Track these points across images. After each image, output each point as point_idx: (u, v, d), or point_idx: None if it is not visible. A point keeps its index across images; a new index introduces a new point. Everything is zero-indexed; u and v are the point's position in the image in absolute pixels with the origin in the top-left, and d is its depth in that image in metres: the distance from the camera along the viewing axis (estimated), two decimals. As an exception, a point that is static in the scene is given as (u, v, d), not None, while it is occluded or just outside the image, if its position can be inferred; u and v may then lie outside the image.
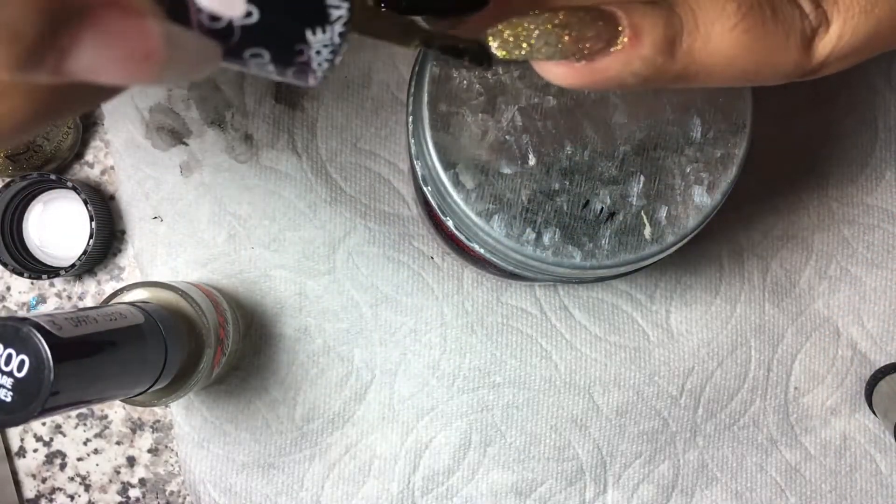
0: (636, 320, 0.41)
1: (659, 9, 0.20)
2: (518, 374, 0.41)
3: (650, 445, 0.41)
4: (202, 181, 0.40)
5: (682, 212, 0.25)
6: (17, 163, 0.37)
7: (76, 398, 0.25)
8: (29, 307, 0.42)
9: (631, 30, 0.20)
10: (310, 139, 0.41)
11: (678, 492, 0.41)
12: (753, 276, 0.41)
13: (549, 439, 0.41)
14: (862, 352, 0.42)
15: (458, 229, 0.27)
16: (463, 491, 0.41)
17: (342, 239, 0.40)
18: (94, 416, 0.42)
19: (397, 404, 0.41)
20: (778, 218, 0.41)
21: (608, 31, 0.20)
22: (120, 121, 0.40)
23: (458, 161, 0.25)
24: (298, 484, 0.41)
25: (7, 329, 0.24)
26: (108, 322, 0.27)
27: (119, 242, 0.41)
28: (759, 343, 0.41)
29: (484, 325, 0.41)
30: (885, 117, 0.42)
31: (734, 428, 0.41)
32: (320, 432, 0.41)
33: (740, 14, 0.20)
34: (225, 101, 0.40)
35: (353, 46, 0.41)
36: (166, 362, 0.30)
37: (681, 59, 0.20)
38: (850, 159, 0.42)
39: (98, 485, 0.42)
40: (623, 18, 0.20)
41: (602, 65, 0.20)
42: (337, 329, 0.41)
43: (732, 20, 0.20)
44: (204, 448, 0.40)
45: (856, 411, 0.42)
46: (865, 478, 0.42)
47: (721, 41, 0.20)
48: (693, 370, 0.41)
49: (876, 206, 0.41)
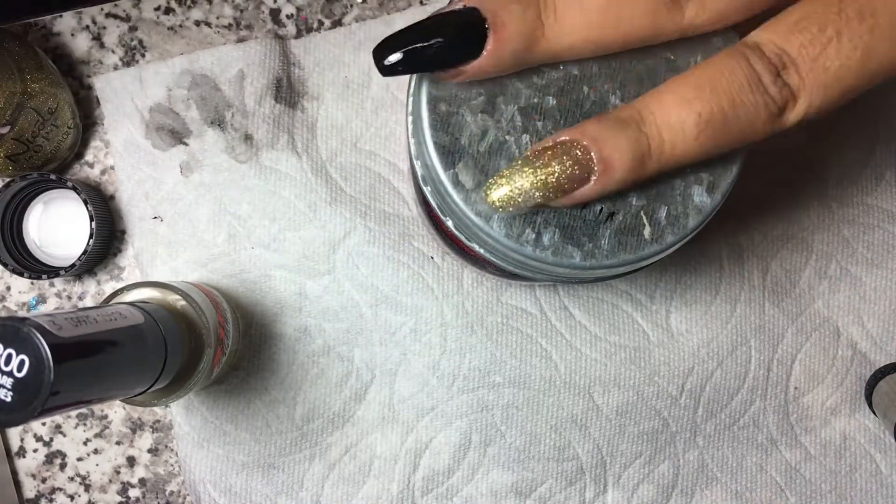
0: (636, 320, 0.41)
1: (625, 135, 0.22)
2: (518, 374, 0.41)
3: (650, 445, 0.41)
4: (202, 181, 0.40)
5: (681, 212, 0.25)
6: (17, 162, 0.37)
7: (76, 398, 0.25)
8: (29, 307, 0.42)
9: (602, 164, 0.22)
10: (310, 139, 0.41)
11: (678, 492, 0.41)
12: (753, 276, 0.41)
13: (549, 439, 0.41)
14: (862, 352, 0.42)
15: (458, 229, 0.27)
16: (463, 491, 0.41)
17: (342, 239, 0.40)
18: (94, 416, 0.42)
19: (397, 404, 0.41)
20: (778, 218, 0.42)
21: (583, 168, 0.22)
22: (120, 121, 0.40)
23: (458, 161, 0.25)
24: (298, 484, 0.41)
25: (7, 329, 0.24)
26: (108, 322, 0.27)
27: (119, 242, 0.41)
28: (759, 343, 0.41)
29: (484, 325, 0.41)
30: (885, 117, 0.42)
31: (734, 428, 0.41)
32: (320, 432, 0.41)
33: (701, 124, 0.21)
34: (225, 101, 0.40)
35: (354, 47, 0.41)
36: (166, 362, 0.30)
37: (652, 167, 0.22)
38: (849, 159, 0.42)
39: (98, 485, 0.42)
40: (593, 154, 0.22)
41: (581, 193, 0.22)
42: (337, 329, 0.41)
43: (694, 131, 0.21)
44: (204, 448, 0.40)
45: (856, 411, 0.42)
46: (865, 478, 0.42)
47: (687, 146, 0.22)
48: (693, 370, 0.41)
49: (876, 206, 0.41)
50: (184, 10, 0.41)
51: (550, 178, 0.22)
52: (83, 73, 0.41)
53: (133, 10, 0.41)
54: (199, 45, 0.41)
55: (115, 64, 0.41)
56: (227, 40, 0.41)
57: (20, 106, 0.35)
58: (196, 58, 0.40)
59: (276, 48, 0.40)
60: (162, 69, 0.40)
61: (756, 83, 0.21)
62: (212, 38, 0.41)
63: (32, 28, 0.41)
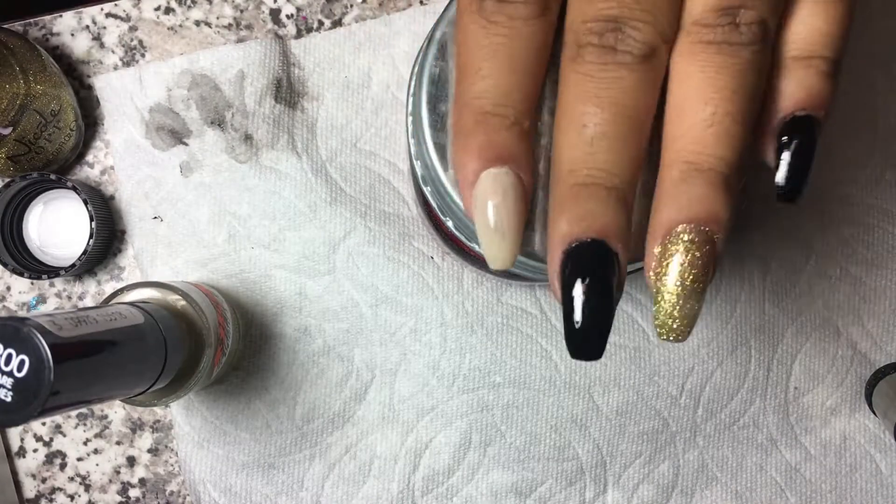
0: (636, 320, 0.41)
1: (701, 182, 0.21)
2: (518, 374, 0.41)
3: (650, 445, 0.41)
4: (202, 181, 0.40)
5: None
6: (18, 164, 0.37)
7: (76, 398, 0.25)
8: (29, 307, 0.42)
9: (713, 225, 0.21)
10: (310, 139, 0.41)
11: (678, 492, 0.41)
12: (753, 276, 0.41)
13: (549, 439, 0.41)
14: (862, 352, 0.42)
15: (458, 229, 0.27)
16: (463, 491, 0.41)
17: (342, 239, 0.40)
18: (94, 416, 0.42)
19: (397, 404, 0.41)
20: (778, 218, 0.41)
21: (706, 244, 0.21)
22: (120, 121, 0.40)
23: (458, 161, 0.25)
24: (298, 484, 0.41)
25: (7, 329, 0.24)
26: (108, 322, 0.27)
27: (119, 242, 0.41)
28: (758, 343, 0.41)
29: (484, 325, 0.41)
30: (885, 117, 0.42)
31: (734, 428, 0.41)
32: (320, 432, 0.41)
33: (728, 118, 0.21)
34: (225, 101, 0.40)
35: (354, 47, 0.41)
36: (166, 362, 0.30)
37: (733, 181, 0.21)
38: (849, 159, 0.42)
39: (98, 485, 0.42)
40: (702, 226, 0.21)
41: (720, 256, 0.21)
42: (337, 329, 0.41)
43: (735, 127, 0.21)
44: (204, 448, 0.40)
45: (856, 411, 0.42)
46: (865, 478, 0.42)
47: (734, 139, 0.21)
48: (693, 370, 0.41)
49: (876, 206, 0.41)
50: (184, 10, 0.41)
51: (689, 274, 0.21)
52: (83, 73, 0.41)
53: (133, 10, 0.41)
54: (199, 45, 0.41)
55: (115, 64, 0.41)
56: (227, 40, 0.41)
57: (23, 107, 0.35)
58: (196, 58, 0.40)
59: (276, 48, 0.40)
60: (162, 69, 0.40)
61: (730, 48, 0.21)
62: (212, 38, 0.41)
63: (32, 28, 0.41)
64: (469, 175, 0.22)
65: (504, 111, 0.22)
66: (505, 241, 0.22)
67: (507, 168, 0.22)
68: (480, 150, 0.21)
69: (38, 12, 0.41)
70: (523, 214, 0.22)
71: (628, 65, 0.21)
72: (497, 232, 0.22)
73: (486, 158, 0.22)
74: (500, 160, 0.21)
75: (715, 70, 0.21)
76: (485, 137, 0.21)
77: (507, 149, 0.22)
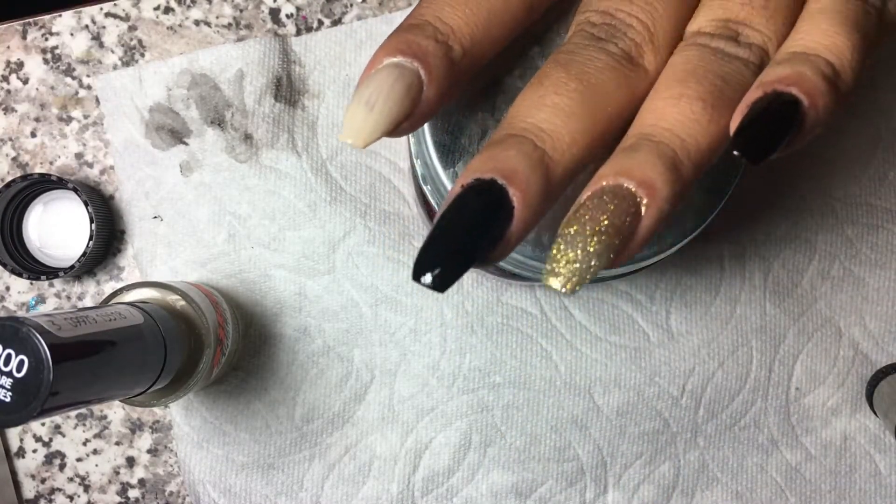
0: (636, 321, 0.41)
1: (645, 151, 0.19)
2: (518, 375, 0.41)
3: (651, 446, 0.41)
4: (202, 181, 0.40)
5: (681, 212, 0.25)
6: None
7: (76, 398, 0.25)
8: (28, 307, 0.41)
9: (643, 188, 0.19)
10: (310, 138, 0.41)
11: (679, 492, 0.41)
12: (755, 277, 0.41)
13: (549, 440, 0.41)
14: (863, 352, 0.42)
15: (459, 229, 0.27)
16: (463, 491, 0.41)
17: (342, 239, 0.40)
18: (93, 417, 0.42)
19: (397, 404, 0.41)
20: (781, 218, 0.41)
21: (627, 204, 0.19)
22: (120, 120, 0.40)
23: (459, 160, 0.25)
24: (298, 484, 0.41)
25: (6, 329, 0.24)
26: (107, 322, 0.27)
27: (119, 242, 0.41)
28: (760, 343, 0.41)
29: (484, 325, 0.41)
30: (887, 117, 0.41)
31: (735, 428, 0.41)
32: (320, 433, 0.41)
33: (708, 108, 0.20)
34: (225, 101, 0.40)
35: (355, 44, 0.41)
36: (166, 362, 0.30)
37: (688, 169, 0.20)
38: (852, 159, 0.42)
39: (97, 485, 0.42)
40: (627, 185, 0.19)
41: (643, 230, 0.19)
42: (337, 329, 0.40)
43: (705, 116, 0.20)
44: (203, 448, 0.40)
45: (857, 412, 0.42)
46: (865, 478, 0.42)
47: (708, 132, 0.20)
48: (694, 371, 0.41)
49: (879, 207, 0.41)
50: (183, 10, 0.41)
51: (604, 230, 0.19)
52: (83, 72, 0.41)
53: (132, 10, 0.41)
54: (199, 44, 0.41)
55: (115, 63, 0.41)
56: (226, 40, 0.41)
57: None
58: (196, 57, 0.40)
59: (276, 47, 0.40)
60: (161, 69, 0.40)
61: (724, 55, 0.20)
62: (211, 37, 0.41)
63: (31, 27, 0.41)
64: (374, 64, 0.21)
65: (439, 27, 0.21)
66: (370, 116, 0.20)
67: (411, 59, 0.20)
68: (395, 45, 0.20)
69: (38, 12, 0.41)
70: (404, 106, 0.20)
71: (611, 55, 0.21)
72: (367, 104, 0.20)
73: (396, 49, 0.20)
74: (409, 53, 0.20)
75: (702, 63, 0.20)
76: (406, 36, 0.21)
77: (422, 48, 0.20)
